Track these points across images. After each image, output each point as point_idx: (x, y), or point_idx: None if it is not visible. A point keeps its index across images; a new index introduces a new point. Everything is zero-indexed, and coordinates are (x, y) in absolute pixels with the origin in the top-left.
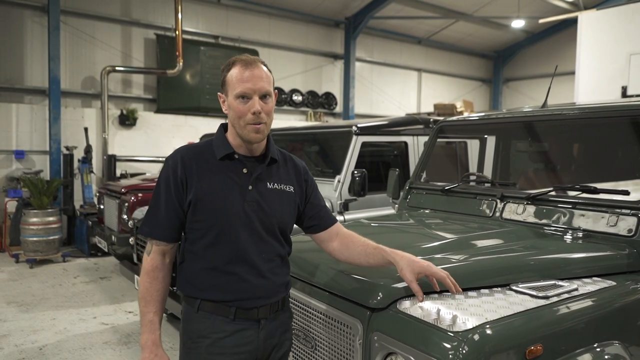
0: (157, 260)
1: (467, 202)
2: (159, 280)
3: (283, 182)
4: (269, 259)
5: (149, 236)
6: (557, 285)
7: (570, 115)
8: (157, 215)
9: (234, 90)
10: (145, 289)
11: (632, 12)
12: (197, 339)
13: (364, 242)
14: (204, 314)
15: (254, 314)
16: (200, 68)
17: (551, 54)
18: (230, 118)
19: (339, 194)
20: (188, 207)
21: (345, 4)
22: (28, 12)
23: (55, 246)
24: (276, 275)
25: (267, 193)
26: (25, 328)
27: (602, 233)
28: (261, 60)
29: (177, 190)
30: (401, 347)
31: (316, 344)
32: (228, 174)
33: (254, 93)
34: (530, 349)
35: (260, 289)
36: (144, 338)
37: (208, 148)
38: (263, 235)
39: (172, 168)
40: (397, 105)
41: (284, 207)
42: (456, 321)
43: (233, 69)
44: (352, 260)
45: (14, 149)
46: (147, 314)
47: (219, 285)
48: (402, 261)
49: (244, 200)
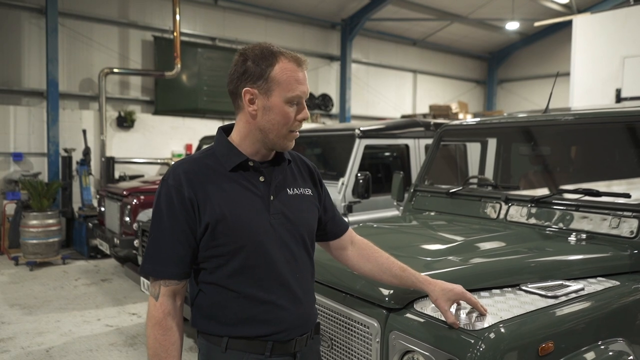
0: (168, 305)
1: (472, 204)
2: (173, 331)
3: (301, 186)
4: (304, 278)
5: (155, 276)
6: (564, 285)
7: (572, 120)
8: (163, 249)
9: (288, 92)
10: (159, 343)
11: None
12: None
13: (388, 258)
14: (234, 353)
15: (291, 347)
16: (197, 70)
17: (545, 55)
18: (267, 122)
19: (343, 196)
20: (204, 231)
21: (341, 6)
22: (26, 14)
23: (55, 248)
24: (310, 298)
25: (289, 201)
26: (30, 330)
27: (605, 235)
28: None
29: (186, 214)
30: (419, 346)
31: (333, 343)
32: (244, 185)
33: (305, 97)
34: (542, 347)
35: (299, 317)
36: None
37: (212, 158)
38: (294, 250)
39: (174, 187)
40: (392, 106)
41: (309, 214)
42: (472, 320)
43: (282, 63)
44: (375, 276)
45: (12, 151)
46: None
47: (252, 317)
48: (436, 290)
49: (269, 212)
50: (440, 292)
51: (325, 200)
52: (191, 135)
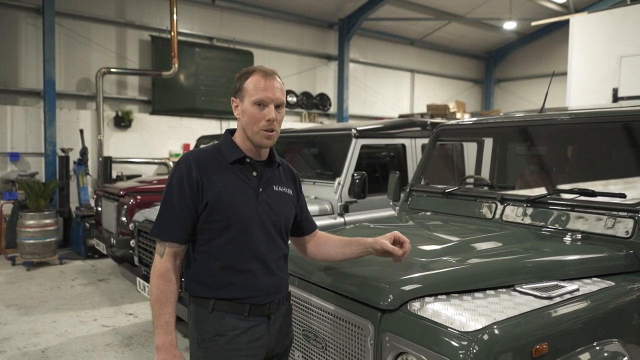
0: (170, 263)
1: (468, 204)
2: (172, 282)
3: (285, 186)
4: (277, 256)
5: (162, 238)
6: (559, 286)
7: (568, 120)
8: (171, 217)
9: (252, 97)
10: (160, 291)
11: (623, 15)
12: (214, 338)
13: (340, 237)
14: (218, 314)
15: (266, 310)
16: (195, 69)
17: (542, 55)
18: (244, 123)
19: (339, 196)
20: (204, 208)
21: (339, 6)
22: (23, 13)
23: (52, 248)
24: (283, 272)
25: (274, 195)
26: (27, 331)
27: (600, 235)
28: (276, 72)
29: (192, 192)
30: (413, 347)
31: (326, 344)
32: (240, 176)
33: (270, 102)
34: (537, 348)
35: (271, 286)
36: (160, 339)
37: (217, 152)
38: (272, 234)
39: (185, 170)
40: (390, 106)
41: (288, 209)
42: (466, 321)
43: (252, 77)
44: (329, 256)
45: (9, 151)
46: (163, 315)
47: (234, 283)
48: (376, 238)
49: (256, 201)
50: (379, 237)
51: (302, 202)
52: (189, 135)
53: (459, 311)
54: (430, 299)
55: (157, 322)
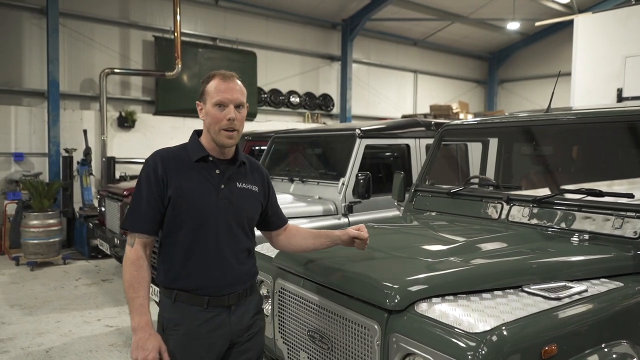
0: (140, 251)
1: (473, 204)
2: (143, 269)
3: (250, 183)
4: (238, 250)
5: (131, 230)
6: (567, 286)
7: (574, 120)
8: (140, 210)
9: (213, 99)
10: (132, 276)
11: (627, 15)
12: (174, 327)
13: (309, 230)
14: (180, 305)
15: (225, 301)
16: (198, 70)
17: (546, 55)
18: (207, 124)
19: (344, 197)
20: (168, 202)
21: (342, 6)
22: (27, 14)
23: (55, 248)
24: (244, 266)
25: (236, 191)
26: (30, 331)
27: (607, 235)
28: (237, 75)
29: (157, 187)
30: (420, 348)
31: (332, 345)
32: (203, 173)
33: (230, 102)
34: (545, 349)
35: (230, 278)
36: (136, 321)
37: (184, 151)
38: (234, 228)
39: (152, 167)
40: (393, 106)
41: (251, 205)
42: (474, 322)
43: (212, 81)
44: (299, 247)
45: (13, 152)
46: (137, 298)
47: (194, 274)
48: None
49: (217, 196)
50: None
51: (271, 198)
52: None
53: (467, 312)
54: (437, 299)
55: (131, 306)
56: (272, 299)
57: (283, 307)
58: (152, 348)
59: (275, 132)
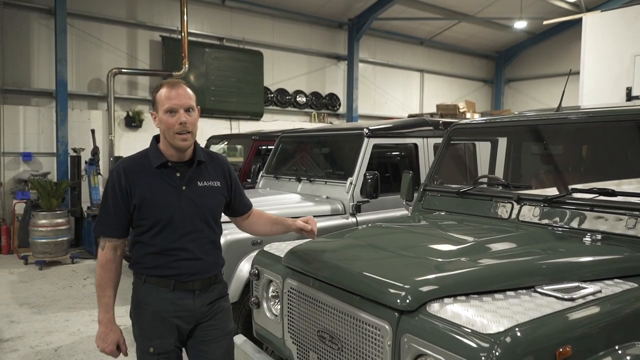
0: (109, 254)
1: (483, 204)
2: (112, 271)
3: (211, 179)
4: (203, 243)
5: (103, 235)
6: (580, 287)
7: (585, 118)
8: (108, 217)
9: (163, 106)
10: (101, 277)
11: (637, 14)
12: (144, 306)
13: (269, 216)
14: (149, 286)
15: (190, 286)
16: (205, 70)
17: (553, 54)
18: (162, 131)
19: (351, 196)
20: (134, 209)
21: (348, 6)
22: (35, 14)
23: (63, 248)
24: (208, 256)
25: (198, 190)
26: (39, 329)
27: (620, 235)
28: (184, 81)
29: (122, 197)
30: (432, 349)
31: (342, 345)
32: (164, 179)
33: (179, 107)
34: (560, 351)
35: (194, 267)
36: (101, 316)
37: (145, 158)
38: (197, 224)
39: (116, 179)
40: (399, 106)
41: (213, 200)
42: (487, 323)
43: (161, 90)
44: (259, 232)
45: (22, 151)
46: (103, 297)
47: (161, 265)
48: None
49: (179, 199)
50: (298, 219)
51: (235, 188)
52: (199, 135)
53: (479, 312)
54: (449, 300)
55: (99, 302)
56: (281, 299)
57: (292, 307)
58: (111, 342)
59: (282, 131)
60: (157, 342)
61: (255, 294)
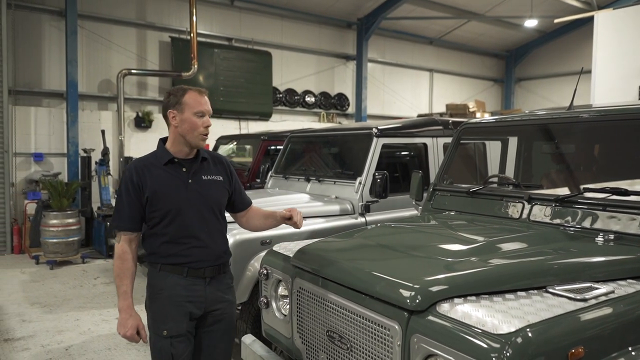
0: (125, 246)
1: (493, 204)
2: (128, 261)
3: (214, 174)
4: (211, 231)
5: (118, 229)
6: (593, 287)
7: (597, 117)
8: (123, 213)
9: (194, 109)
10: (119, 268)
11: None
12: (159, 291)
13: (264, 211)
14: (164, 274)
15: (202, 273)
16: (214, 70)
17: (564, 53)
18: (184, 130)
19: (361, 196)
20: (146, 202)
21: (357, 5)
22: (46, 16)
23: (74, 247)
24: (218, 245)
25: (203, 183)
26: (50, 329)
27: (634, 235)
28: None
29: (135, 192)
30: (442, 349)
31: (351, 346)
32: (172, 173)
33: (207, 113)
34: (572, 352)
35: (205, 254)
36: (121, 304)
37: (154, 157)
38: (205, 214)
39: (129, 177)
40: (409, 105)
41: (217, 192)
42: (498, 323)
43: (189, 93)
44: (255, 227)
45: (33, 152)
46: (122, 286)
47: (175, 253)
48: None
49: (187, 190)
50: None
51: (235, 184)
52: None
53: (490, 313)
54: (459, 300)
55: (118, 292)
56: (290, 299)
57: (301, 306)
58: (131, 326)
59: (291, 131)
60: (171, 324)
61: (265, 294)
